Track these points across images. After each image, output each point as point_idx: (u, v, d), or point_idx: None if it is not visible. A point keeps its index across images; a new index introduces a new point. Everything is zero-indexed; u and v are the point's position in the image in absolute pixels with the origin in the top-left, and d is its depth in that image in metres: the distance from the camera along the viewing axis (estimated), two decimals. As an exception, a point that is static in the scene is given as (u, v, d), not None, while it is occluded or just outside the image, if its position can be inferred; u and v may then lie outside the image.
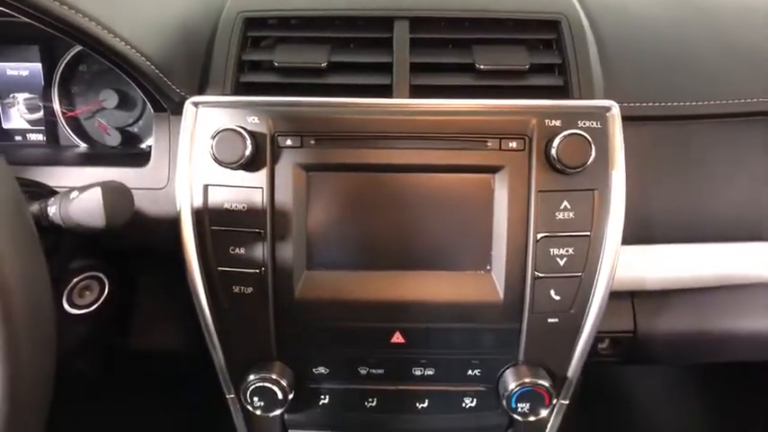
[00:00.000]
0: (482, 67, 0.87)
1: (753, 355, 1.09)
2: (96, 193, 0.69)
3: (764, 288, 1.01)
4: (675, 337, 1.02)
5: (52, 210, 0.72)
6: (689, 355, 1.14)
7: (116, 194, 0.71)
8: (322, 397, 0.93)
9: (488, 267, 0.84)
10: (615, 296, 0.89)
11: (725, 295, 1.01)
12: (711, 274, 0.96)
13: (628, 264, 0.90)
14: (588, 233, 0.82)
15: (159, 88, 0.85)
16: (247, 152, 0.78)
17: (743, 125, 0.91)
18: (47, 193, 0.85)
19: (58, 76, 1.05)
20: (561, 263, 0.82)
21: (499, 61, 0.88)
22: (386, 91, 0.87)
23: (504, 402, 0.88)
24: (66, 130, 1.07)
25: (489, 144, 0.81)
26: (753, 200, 0.90)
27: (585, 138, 0.78)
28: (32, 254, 0.56)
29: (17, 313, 0.51)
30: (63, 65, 1.05)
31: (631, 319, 1.01)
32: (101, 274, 0.91)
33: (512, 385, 0.86)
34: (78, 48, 1.04)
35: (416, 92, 0.87)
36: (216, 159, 0.79)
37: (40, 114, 1.07)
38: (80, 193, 0.70)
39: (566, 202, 0.81)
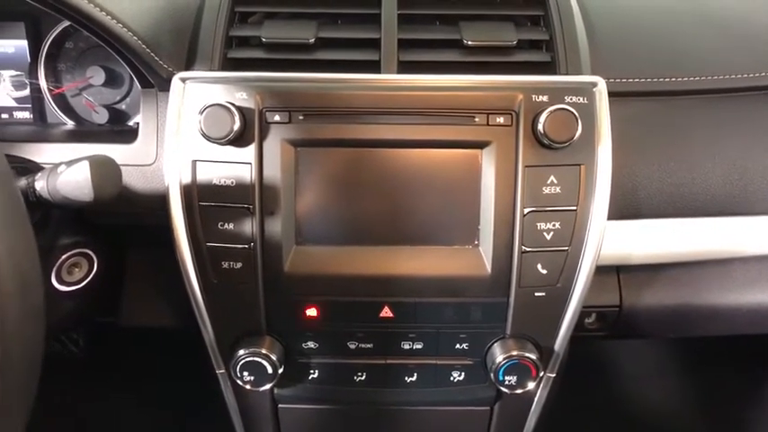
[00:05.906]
0: (470, 42, 0.87)
1: (737, 328, 1.10)
2: (84, 167, 0.69)
3: (749, 262, 1.03)
4: (661, 311, 1.03)
5: (40, 184, 0.71)
6: (674, 329, 1.15)
7: (104, 168, 0.71)
8: (311, 371, 0.93)
9: (476, 242, 0.85)
10: (601, 270, 0.90)
11: (710, 270, 1.03)
12: (697, 249, 0.97)
13: (614, 238, 0.91)
14: (575, 208, 0.82)
15: (147, 64, 0.84)
16: (235, 127, 0.78)
17: (728, 101, 0.92)
18: (34, 169, 0.84)
19: (44, 53, 1.04)
20: (548, 237, 0.83)
21: (486, 37, 0.88)
22: (374, 67, 0.87)
23: (492, 375, 0.89)
24: (53, 108, 1.06)
25: (477, 119, 0.81)
26: (738, 175, 0.90)
27: (572, 113, 0.78)
28: (20, 225, 0.56)
29: (4, 284, 0.51)
30: (49, 41, 1.03)
31: (617, 294, 1.02)
32: (90, 251, 0.91)
33: (499, 358, 0.87)
34: (65, 24, 1.02)
35: (404, 68, 0.87)
36: (204, 135, 0.79)
37: (26, 92, 1.06)
38: (68, 167, 0.70)
39: (552, 177, 0.82)
